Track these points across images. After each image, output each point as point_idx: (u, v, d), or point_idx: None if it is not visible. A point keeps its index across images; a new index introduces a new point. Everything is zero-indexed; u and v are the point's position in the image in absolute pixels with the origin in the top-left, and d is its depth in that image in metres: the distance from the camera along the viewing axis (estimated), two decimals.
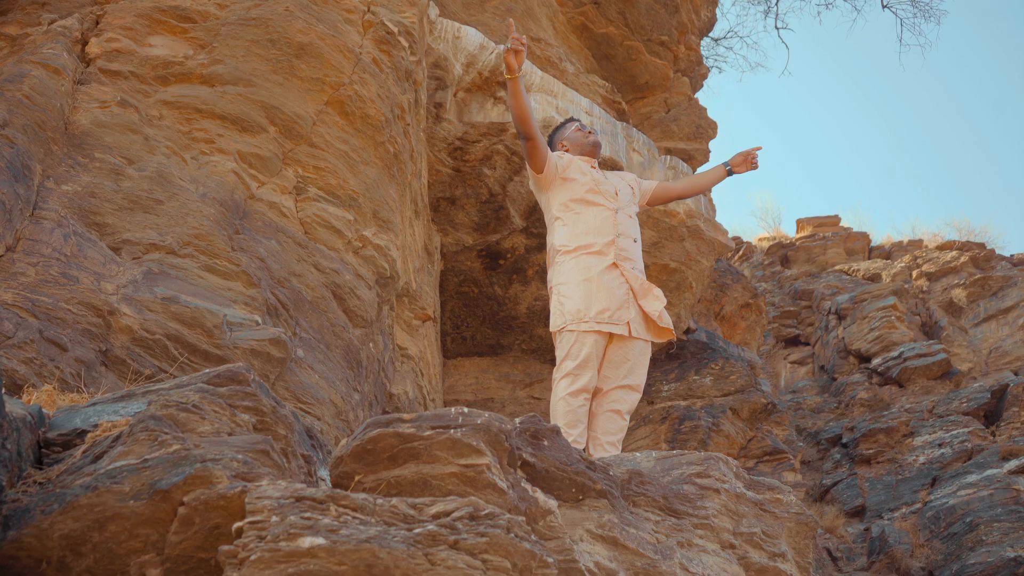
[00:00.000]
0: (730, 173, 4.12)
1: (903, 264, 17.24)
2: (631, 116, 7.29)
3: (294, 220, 4.41)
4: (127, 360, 3.68)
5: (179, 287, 3.86)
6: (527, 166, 3.98)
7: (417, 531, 1.29)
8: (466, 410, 1.59)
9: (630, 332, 3.74)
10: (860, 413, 14.14)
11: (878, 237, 19.07)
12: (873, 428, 13.07)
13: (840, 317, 15.78)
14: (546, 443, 1.83)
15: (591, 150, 4.11)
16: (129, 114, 3.91)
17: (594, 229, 3.82)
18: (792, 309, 16.84)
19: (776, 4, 10.81)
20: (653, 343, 4.05)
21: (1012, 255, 17.88)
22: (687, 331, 7.78)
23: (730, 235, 19.42)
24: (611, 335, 3.75)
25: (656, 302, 3.81)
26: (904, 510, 11.83)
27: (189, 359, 3.86)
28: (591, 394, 3.68)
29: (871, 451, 12.83)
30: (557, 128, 4.32)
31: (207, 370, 1.71)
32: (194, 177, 4.03)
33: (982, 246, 17.41)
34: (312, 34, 4.26)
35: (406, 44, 4.72)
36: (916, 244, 18.39)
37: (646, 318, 3.82)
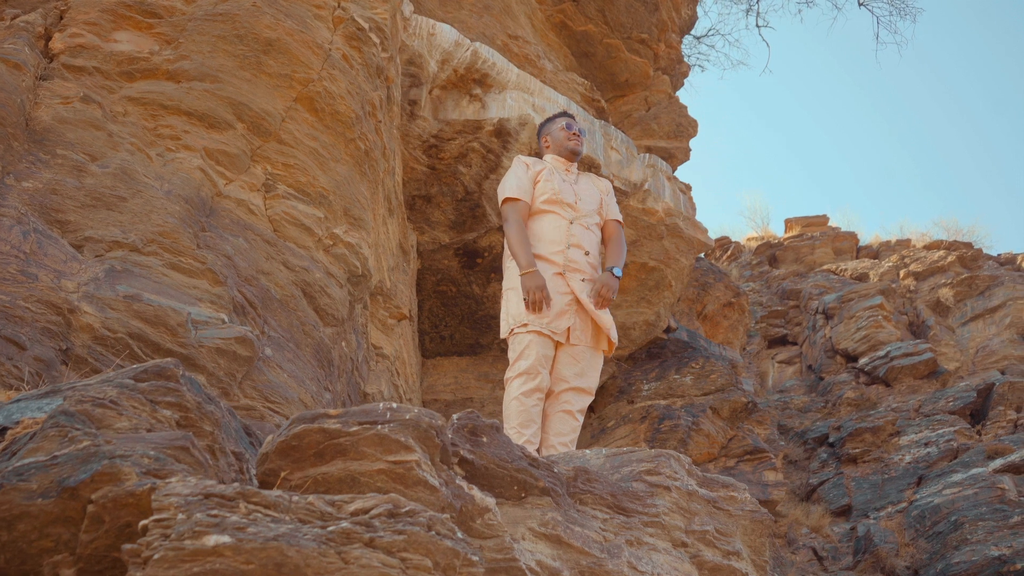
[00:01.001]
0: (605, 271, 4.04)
1: (890, 264, 17.26)
2: (611, 114, 7.26)
3: (263, 218, 4.37)
4: (88, 359, 3.64)
5: (142, 285, 3.82)
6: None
7: (331, 529, 1.26)
8: (395, 405, 1.56)
9: (568, 339, 3.80)
10: (847, 412, 14.14)
11: (866, 237, 19.09)
12: (860, 427, 13.07)
13: (827, 317, 15.78)
14: (485, 440, 1.80)
15: (567, 155, 4.18)
16: (92, 110, 3.86)
17: (546, 238, 3.91)
18: (780, 309, 16.84)
19: (757, 2, 10.78)
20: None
21: (999, 254, 17.92)
22: (668, 330, 7.76)
23: (718, 235, 19.44)
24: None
25: (605, 318, 3.87)
26: (890, 509, 11.82)
27: (153, 358, 3.81)
28: (544, 394, 3.69)
29: (857, 450, 12.82)
30: (549, 119, 4.35)
31: (135, 365, 1.67)
32: (159, 174, 3.99)
33: (969, 245, 17.45)
34: (280, 30, 4.22)
35: (377, 40, 4.68)
36: (904, 244, 18.42)
37: (595, 326, 3.84)
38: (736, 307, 8.97)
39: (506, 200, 4.05)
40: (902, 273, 16.89)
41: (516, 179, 4.09)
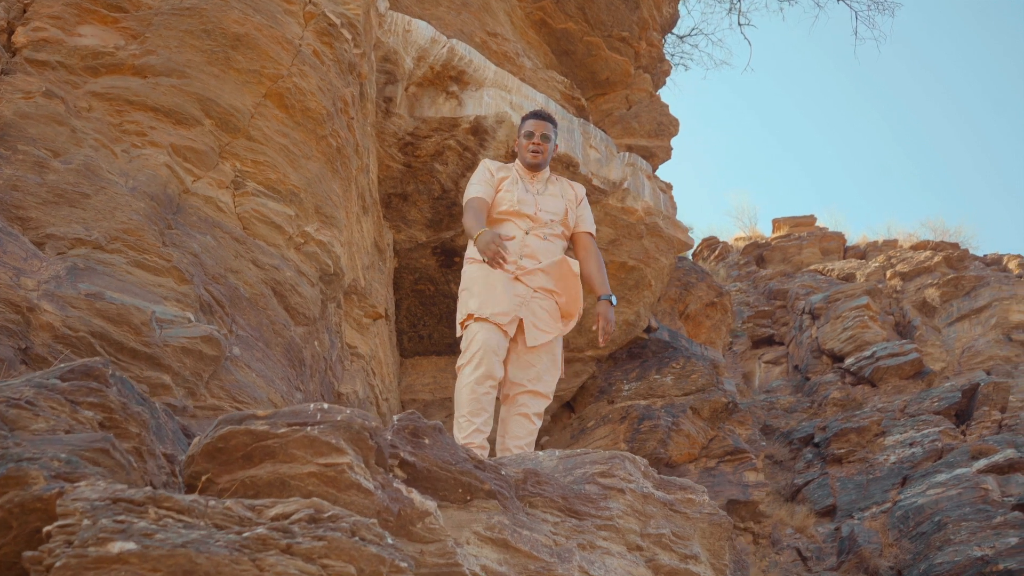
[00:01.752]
0: (601, 299, 3.98)
1: (877, 264, 17.28)
2: (592, 113, 7.22)
3: (232, 215, 4.31)
4: (49, 358, 3.57)
5: (106, 283, 3.75)
6: None
7: (246, 535, 1.21)
8: (326, 407, 1.51)
9: (521, 339, 3.81)
10: (833, 413, 14.14)
11: (853, 237, 19.12)
12: (845, 427, 13.07)
13: (814, 317, 15.79)
14: (427, 441, 1.75)
15: (526, 166, 4.13)
16: (55, 105, 3.80)
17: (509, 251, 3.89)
18: (767, 309, 16.84)
19: (739, 1, 10.74)
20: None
21: (985, 255, 17.96)
22: (648, 329, 7.72)
23: (706, 235, 19.42)
24: (515, 337, 3.84)
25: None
26: (874, 509, 11.82)
27: (116, 357, 3.75)
28: (496, 383, 3.68)
29: (843, 450, 12.82)
30: (522, 119, 4.29)
31: (62, 364, 1.62)
32: (124, 170, 3.93)
33: (956, 246, 17.49)
34: (248, 25, 4.16)
35: (349, 36, 4.63)
36: (891, 244, 18.45)
37: (559, 312, 3.89)
38: (719, 307, 8.94)
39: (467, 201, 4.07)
40: (888, 273, 16.91)
41: (477, 182, 4.07)
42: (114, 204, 3.83)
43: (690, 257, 17.36)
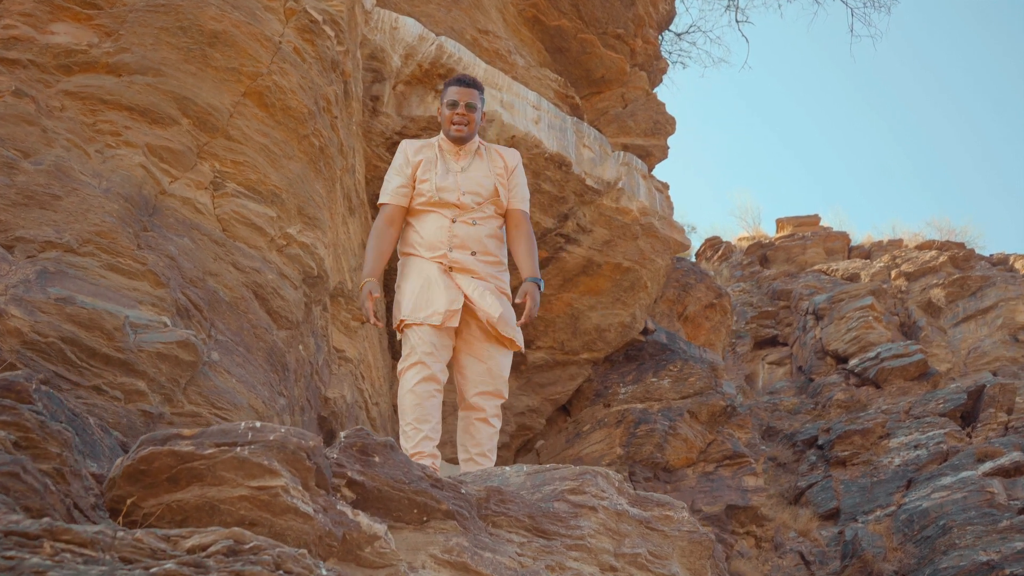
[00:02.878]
0: (528, 281, 3.69)
1: (882, 264, 17.13)
2: (587, 111, 7.09)
3: (211, 217, 4.20)
4: (17, 365, 3.47)
5: (77, 287, 3.65)
6: None
7: (154, 570, 1.10)
8: (258, 424, 1.40)
9: (473, 336, 3.64)
10: (837, 414, 14.01)
11: (858, 236, 18.99)
12: (849, 430, 12.93)
13: (818, 317, 15.65)
14: (378, 459, 1.63)
15: (449, 139, 3.83)
16: (25, 104, 3.69)
17: (427, 239, 3.69)
18: (770, 309, 16.70)
19: None
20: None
21: (991, 255, 17.79)
22: (645, 331, 7.59)
23: (709, 235, 19.26)
24: (458, 334, 3.64)
25: (491, 309, 3.58)
26: (878, 513, 11.68)
27: (88, 363, 3.65)
28: (441, 386, 3.50)
29: (847, 453, 12.67)
30: (446, 84, 3.89)
31: None
32: (97, 171, 3.83)
33: (961, 246, 17.32)
34: (226, 21, 4.05)
35: (332, 33, 4.52)
36: (896, 244, 18.29)
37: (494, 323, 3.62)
38: (718, 308, 8.80)
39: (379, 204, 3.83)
40: (893, 273, 16.75)
41: (391, 178, 3.84)
42: (86, 206, 3.72)
43: (693, 257, 17.21)
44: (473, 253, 3.64)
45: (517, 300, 3.59)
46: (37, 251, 3.63)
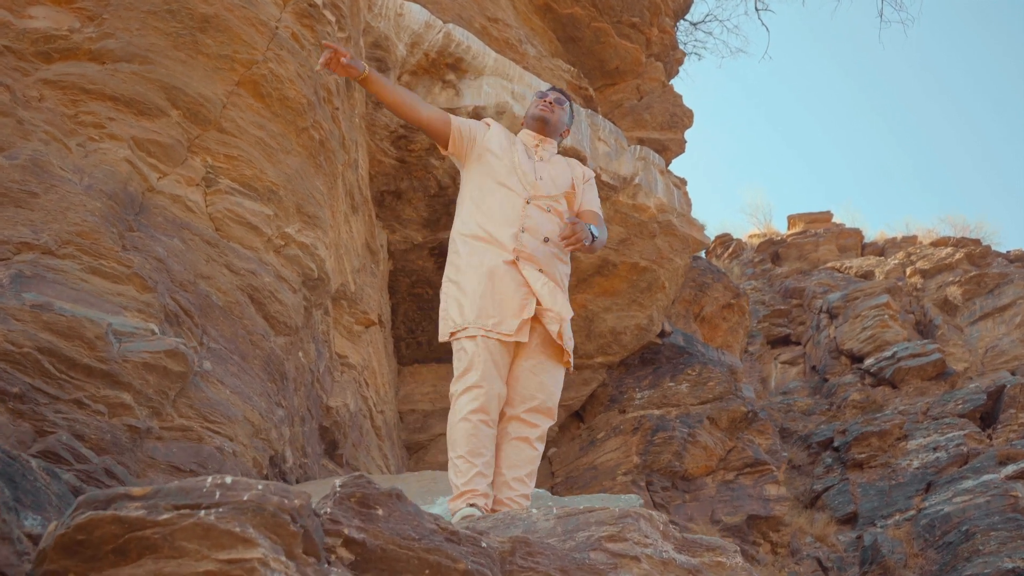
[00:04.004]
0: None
1: (897, 261, 16.79)
2: (600, 104, 6.79)
3: (203, 215, 3.92)
4: None
5: (56, 292, 3.36)
6: None
7: None
8: (229, 480, 1.11)
9: (524, 342, 3.11)
10: (852, 415, 13.68)
11: (871, 233, 18.66)
12: (866, 431, 12.61)
13: (832, 316, 15.32)
14: (381, 512, 1.34)
15: (534, 124, 3.43)
16: None
17: (496, 217, 3.16)
18: (783, 307, 16.37)
19: None
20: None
21: (1008, 251, 17.42)
22: (662, 334, 7.28)
23: (719, 231, 18.96)
24: (517, 344, 3.11)
25: (564, 311, 3.17)
26: (898, 517, 11.36)
27: (68, 375, 3.36)
28: (499, 413, 3.02)
29: (863, 455, 12.36)
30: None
31: None
32: (78, 166, 3.54)
33: (977, 242, 16.98)
34: (218, 5, 3.75)
35: (332, 18, 4.22)
36: (910, 240, 17.94)
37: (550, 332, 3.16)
38: (736, 308, 8.49)
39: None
40: (908, 271, 16.41)
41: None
42: (66, 204, 3.43)
43: (703, 255, 16.88)
44: (545, 240, 3.17)
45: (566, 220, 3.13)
46: (12, 253, 3.35)
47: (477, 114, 5.15)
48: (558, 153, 3.52)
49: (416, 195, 5.40)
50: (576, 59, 6.64)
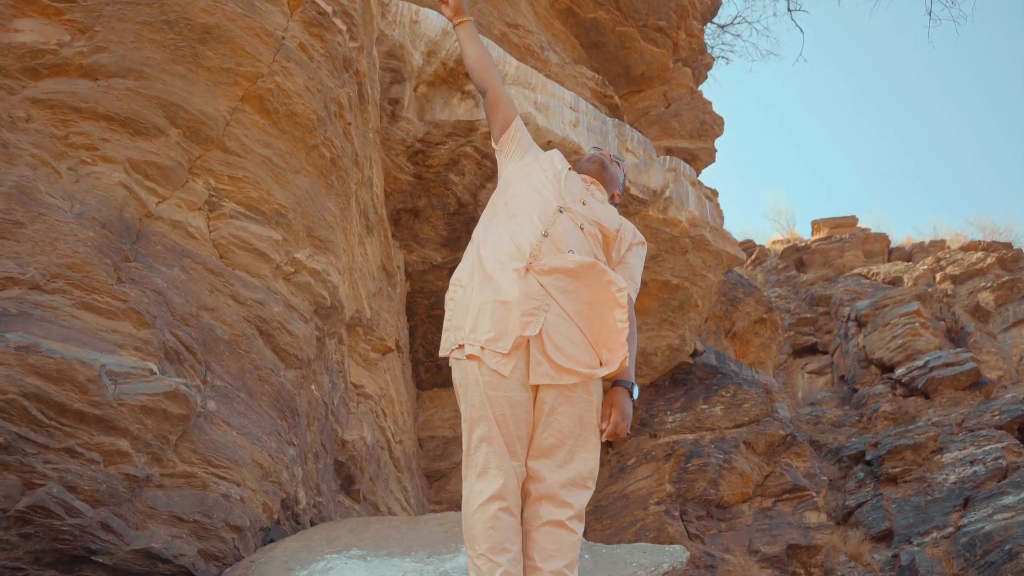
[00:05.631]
0: (618, 385, 2.64)
1: (925, 266, 16.36)
2: (626, 112, 6.46)
3: (206, 242, 3.63)
4: None
5: (44, 331, 3.08)
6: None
7: None
8: None
9: (526, 370, 2.46)
10: (884, 427, 13.28)
11: (898, 238, 18.25)
12: (899, 444, 12.21)
13: (860, 324, 14.91)
14: None
15: (589, 166, 3.01)
16: None
17: (518, 218, 2.65)
18: (809, 316, 15.98)
19: None
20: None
21: None
22: (694, 353, 6.93)
23: (741, 238, 18.56)
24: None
25: (614, 354, 2.52)
26: (935, 534, 10.96)
27: (58, 422, 3.07)
28: (520, 490, 2.43)
29: (897, 469, 11.97)
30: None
31: None
32: (69, 192, 3.25)
33: (1008, 246, 16.53)
34: (219, 14, 3.47)
35: (343, 27, 3.92)
36: (938, 245, 17.50)
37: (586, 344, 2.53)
38: (768, 323, 8.13)
39: None
40: (938, 276, 15.98)
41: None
42: (55, 234, 3.15)
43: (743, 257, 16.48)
44: (571, 252, 2.58)
45: (602, 423, 2.52)
46: None
47: None
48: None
49: (434, 213, 5.09)
50: (600, 65, 6.32)
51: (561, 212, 2.68)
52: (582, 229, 2.70)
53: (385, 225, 4.82)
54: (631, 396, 2.59)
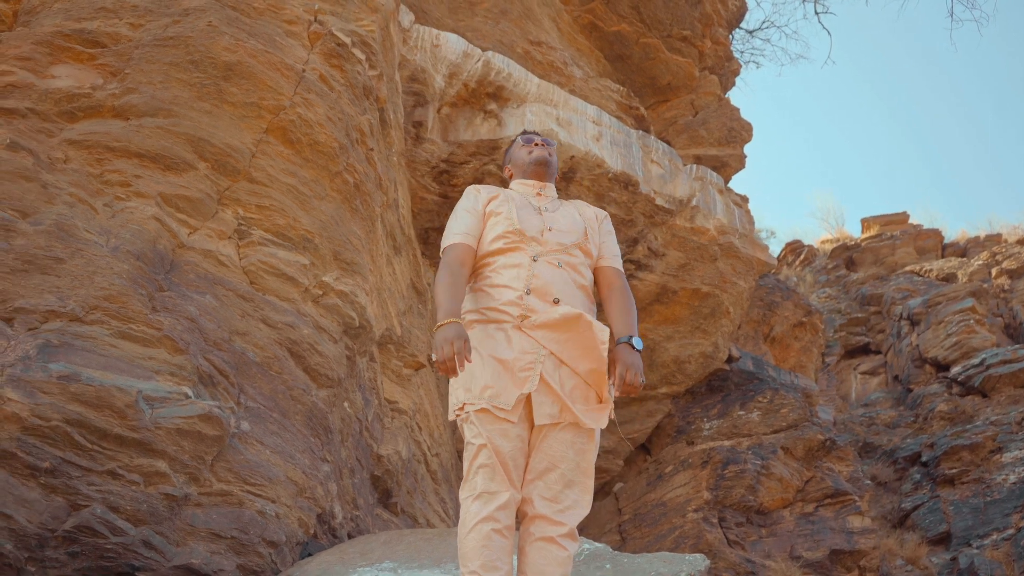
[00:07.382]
0: (620, 343, 2.72)
1: (981, 262, 15.98)
2: (653, 122, 6.50)
3: (236, 269, 3.78)
4: (18, 453, 3.09)
5: (84, 360, 3.25)
6: None
7: None
8: None
9: (529, 413, 2.60)
10: (940, 427, 13.00)
11: (951, 233, 17.84)
12: (956, 444, 11.95)
13: (913, 322, 14.64)
14: None
15: (533, 170, 3.05)
16: (22, 159, 3.33)
17: (500, 285, 2.75)
18: (860, 316, 15.73)
19: None
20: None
21: None
22: (729, 359, 6.91)
23: (789, 238, 18.33)
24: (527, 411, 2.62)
25: (598, 412, 2.65)
26: (995, 537, 10.71)
27: (100, 446, 3.25)
28: (514, 511, 2.56)
29: (954, 470, 11.71)
30: (514, 140, 3.24)
31: None
32: (105, 228, 3.43)
33: None
34: (241, 51, 3.62)
35: (363, 56, 4.06)
36: (994, 239, 17.08)
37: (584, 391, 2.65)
38: (808, 327, 8.06)
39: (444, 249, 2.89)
40: (994, 271, 15.60)
41: (458, 218, 2.96)
42: (93, 268, 3.33)
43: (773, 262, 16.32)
44: (556, 302, 2.69)
45: (610, 380, 2.65)
46: (39, 322, 3.25)
47: None
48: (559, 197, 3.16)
49: None
50: (626, 77, 6.37)
51: (536, 261, 2.74)
52: (559, 267, 2.77)
53: (413, 244, 4.95)
54: (632, 347, 2.66)
